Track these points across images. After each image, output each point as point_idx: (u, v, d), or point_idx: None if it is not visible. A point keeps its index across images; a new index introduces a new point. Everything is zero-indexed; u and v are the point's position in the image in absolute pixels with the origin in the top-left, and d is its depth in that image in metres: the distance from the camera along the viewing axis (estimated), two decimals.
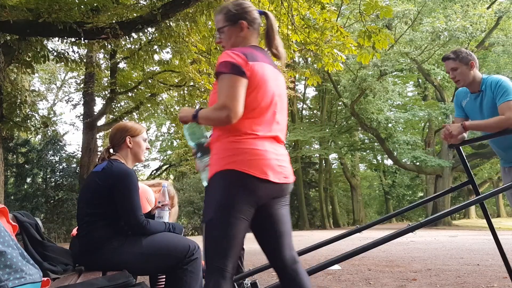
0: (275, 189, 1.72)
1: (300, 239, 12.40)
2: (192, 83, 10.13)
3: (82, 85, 13.88)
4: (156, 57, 8.77)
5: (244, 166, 1.64)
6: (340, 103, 24.83)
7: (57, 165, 17.95)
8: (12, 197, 15.90)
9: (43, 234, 2.17)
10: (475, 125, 2.74)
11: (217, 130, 1.76)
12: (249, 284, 3.42)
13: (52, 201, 16.88)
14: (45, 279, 1.66)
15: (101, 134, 14.81)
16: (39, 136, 17.04)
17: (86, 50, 10.15)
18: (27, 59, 7.40)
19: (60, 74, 24.03)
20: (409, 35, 19.63)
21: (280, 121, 1.80)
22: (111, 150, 2.40)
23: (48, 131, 14.68)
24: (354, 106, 21.34)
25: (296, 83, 21.88)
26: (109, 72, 12.75)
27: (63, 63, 7.86)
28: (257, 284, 2.26)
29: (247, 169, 1.64)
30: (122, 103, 14.41)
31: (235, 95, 1.65)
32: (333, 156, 29.71)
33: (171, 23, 6.60)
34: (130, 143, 2.37)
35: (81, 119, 14.13)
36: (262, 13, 1.90)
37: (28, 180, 17.73)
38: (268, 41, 1.87)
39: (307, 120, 31.12)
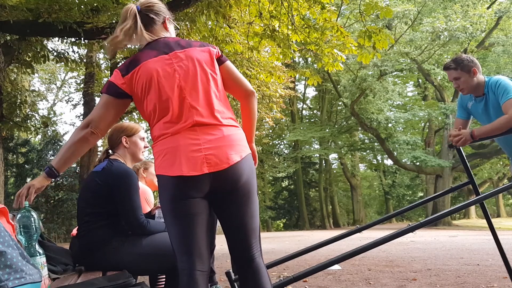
0: (199, 181, 1.63)
1: (300, 239, 12.42)
2: None
3: (82, 85, 13.89)
4: None
5: (159, 170, 1.67)
6: (340, 103, 24.85)
7: None
8: (12, 197, 15.90)
9: (43, 234, 2.17)
10: (484, 132, 2.73)
11: None
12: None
13: (52, 201, 16.90)
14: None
15: None
16: (39, 136, 17.06)
17: (86, 50, 10.17)
18: (27, 59, 7.41)
19: (60, 74, 24.04)
20: (409, 35, 19.64)
21: (196, 104, 1.69)
22: (110, 151, 2.40)
23: (48, 131, 14.71)
24: (354, 106, 21.35)
25: (296, 83, 21.91)
26: (109, 72, 12.77)
27: (63, 63, 7.88)
28: None
29: (161, 171, 1.66)
30: None
31: (95, 111, 1.77)
32: (333, 156, 29.75)
33: None
34: (127, 143, 2.37)
35: (81, 119, 14.14)
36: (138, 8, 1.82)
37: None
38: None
39: (307, 120, 31.14)
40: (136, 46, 8.55)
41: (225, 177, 1.65)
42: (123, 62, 12.06)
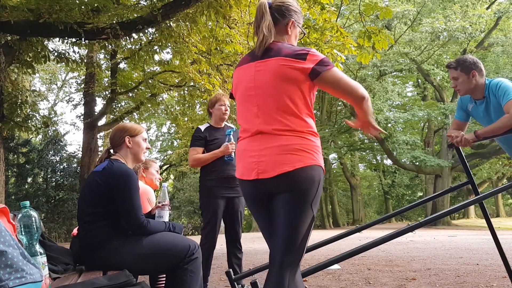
0: (250, 186, 1.78)
1: None
2: (192, 83, 10.14)
3: (82, 85, 13.90)
4: (156, 57, 8.78)
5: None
6: (340, 103, 24.84)
7: (58, 165, 17.97)
8: (13, 197, 15.92)
9: (44, 233, 2.18)
10: (487, 131, 2.75)
11: None
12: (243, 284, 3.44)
13: (52, 201, 16.91)
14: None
15: (101, 134, 14.82)
16: (40, 136, 17.07)
17: (86, 50, 10.18)
18: (28, 59, 7.42)
19: (60, 74, 24.06)
20: (409, 35, 19.64)
21: (261, 113, 1.74)
22: (111, 151, 2.41)
23: (49, 131, 14.72)
24: None
25: None
26: (109, 72, 12.77)
27: (63, 63, 7.88)
28: (257, 284, 2.27)
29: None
30: (123, 103, 14.42)
31: None
32: (332, 156, 29.71)
33: (171, 24, 6.61)
34: (130, 143, 2.37)
35: (82, 119, 14.14)
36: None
37: (29, 180, 17.75)
38: None
39: None
40: (137, 46, 8.48)
41: (273, 185, 1.70)
42: (121, 61, 11.84)
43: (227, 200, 3.54)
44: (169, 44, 7.32)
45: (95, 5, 5.99)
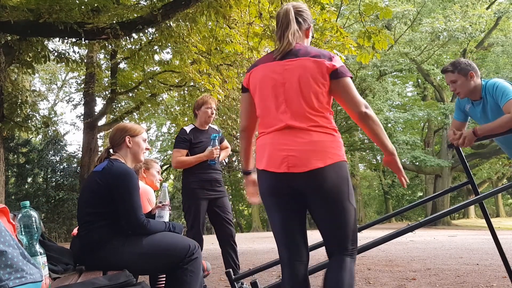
0: (276, 178, 1.79)
1: None
2: (192, 84, 10.14)
3: (82, 85, 13.89)
4: (156, 57, 8.79)
5: (256, 162, 1.92)
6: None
7: (58, 165, 17.98)
8: (13, 197, 15.92)
9: (44, 233, 2.18)
10: (486, 130, 2.75)
11: None
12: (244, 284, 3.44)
13: (52, 201, 16.91)
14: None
15: (101, 134, 14.81)
16: (40, 136, 17.07)
17: (86, 50, 10.18)
18: (28, 59, 7.41)
19: (60, 74, 24.05)
20: (409, 35, 19.63)
21: (290, 109, 1.82)
22: (111, 150, 2.41)
23: (49, 131, 14.70)
24: None
25: None
26: (109, 72, 12.76)
27: (63, 63, 7.88)
28: (257, 283, 2.27)
29: (256, 164, 1.91)
30: (123, 103, 14.42)
31: (240, 111, 2.03)
32: None
33: (171, 24, 6.61)
34: (130, 142, 2.37)
35: (82, 119, 14.14)
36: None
37: (29, 180, 17.77)
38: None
39: None
40: (137, 46, 8.48)
41: (303, 180, 1.75)
42: (122, 61, 11.83)
43: (209, 201, 3.57)
44: (169, 44, 7.32)
45: (95, 5, 5.99)
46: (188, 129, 3.69)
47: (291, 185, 1.78)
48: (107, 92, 13.27)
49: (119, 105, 14.20)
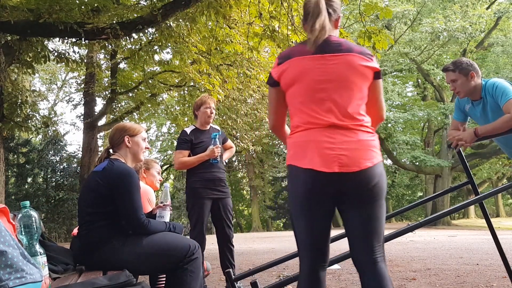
0: (326, 178, 1.68)
1: None
2: (192, 83, 10.14)
3: (82, 85, 13.89)
4: (156, 57, 8.78)
5: (291, 160, 1.77)
6: None
7: (58, 165, 17.99)
8: (13, 197, 15.93)
9: (44, 233, 2.18)
10: (486, 130, 2.75)
11: None
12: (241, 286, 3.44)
13: (52, 200, 16.92)
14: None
15: (101, 134, 14.82)
16: (40, 136, 17.07)
17: (86, 50, 10.18)
18: (28, 59, 7.41)
19: (60, 75, 24.06)
20: (409, 35, 19.63)
21: (336, 107, 1.74)
22: (111, 150, 2.41)
23: (49, 131, 14.70)
24: None
25: None
26: (109, 72, 12.76)
27: (63, 63, 7.87)
28: (257, 283, 2.27)
29: (293, 161, 1.76)
30: (123, 103, 14.42)
31: (268, 106, 1.90)
32: None
33: (171, 24, 6.61)
34: (129, 142, 2.37)
35: (82, 119, 14.15)
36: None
37: (29, 180, 17.77)
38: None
39: None
40: (137, 46, 8.49)
41: (354, 180, 1.69)
42: (122, 61, 11.79)
43: (213, 201, 3.58)
44: (169, 44, 7.32)
45: (95, 5, 5.99)
46: (188, 130, 3.70)
47: (337, 186, 1.70)
48: (107, 92, 13.28)
49: (119, 105, 14.20)
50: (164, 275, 2.79)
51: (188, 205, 3.61)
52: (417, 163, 21.38)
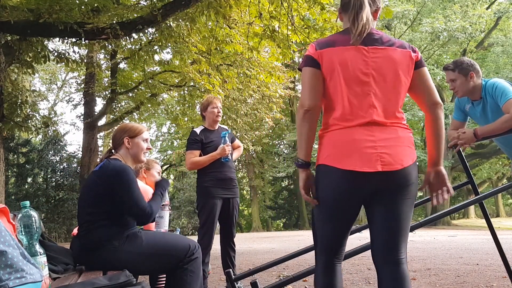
0: (368, 178, 1.62)
1: (300, 238, 12.42)
2: (192, 83, 10.14)
3: (82, 85, 13.91)
4: (156, 57, 8.79)
5: (327, 160, 1.67)
6: None
7: (58, 165, 17.99)
8: (13, 197, 15.92)
9: (44, 233, 2.18)
10: (486, 131, 2.75)
11: None
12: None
13: (52, 200, 16.93)
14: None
15: (101, 134, 14.86)
16: (40, 136, 17.06)
17: (86, 50, 10.18)
18: (28, 59, 7.42)
19: (60, 74, 24.08)
20: (409, 35, 19.64)
21: (378, 103, 1.67)
22: (113, 151, 2.41)
23: (49, 131, 14.69)
24: None
25: (296, 83, 21.90)
26: (109, 72, 12.77)
27: (63, 63, 7.87)
28: (257, 283, 2.27)
29: (330, 162, 1.66)
30: (123, 103, 14.44)
31: (304, 88, 1.72)
32: None
33: (171, 24, 6.62)
34: (129, 144, 2.36)
35: (82, 119, 14.15)
36: None
37: (29, 180, 17.77)
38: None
39: None
40: (137, 46, 8.48)
41: (395, 178, 1.64)
42: (122, 61, 11.79)
43: (223, 200, 3.61)
44: (169, 44, 7.32)
45: (95, 5, 5.99)
46: (198, 130, 3.73)
47: (377, 185, 1.64)
48: (107, 92, 13.29)
49: (119, 105, 14.22)
50: (164, 275, 2.79)
51: (199, 204, 3.63)
52: (417, 163, 21.37)
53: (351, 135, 1.65)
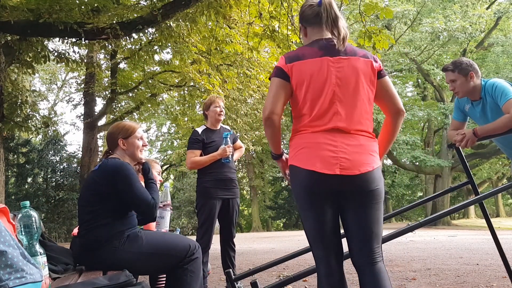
0: (325, 180, 1.73)
1: (300, 238, 12.42)
2: (192, 83, 10.14)
3: (82, 85, 13.91)
4: (156, 57, 8.79)
5: (294, 161, 1.81)
6: None
7: (58, 165, 17.99)
8: (13, 197, 15.92)
9: (44, 233, 2.18)
10: (486, 130, 2.75)
11: None
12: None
13: (52, 200, 16.92)
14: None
15: (101, 134, 14.84)
16: (40, 136, 17.06)
17: (86, 50, 10.18)
18: (28, 59, 7.42)
19: (60, 74, 24.08)
20: (409, 35, 19.63)
21: (342, 110, 1.78)
22: (110, 151, 2.41)
23: (49, 131, 14.71)
24: None
25: None
26: (109, 72, 12.77)
27: (63, 63, 7.88)
28: (257, 283, 2.27)
29: (296, 162, 1.80)
30: (123, 103, 14.44)
31: (268, 96, 1.85)
32: None
33: (171, 24, 6.62)
34: (124, 145, 2.35)
35: (82, 119, 14.15)
36: (320, 4, 1.86)
37: (29, 180, 17.76)
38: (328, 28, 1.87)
39: None
40: (137, 46, 8.48)
41: (354, 183, 1.74)
42: (122, 61, 11.77)
43: (223, 201, 3.61)
44: (169, 44, 7.32)
45: (95, 5, 5.99)
46: (200, 130, 3.72)
47: (338, 187, 1.75)
48: (107, 92, 13.28)
49: (119, 105, 14.22)
50: (164, 275, 2.79)
51: (198, 204, 3.63)
52: (417, 163, 21.37)
53: (315, 138, 1.78)
